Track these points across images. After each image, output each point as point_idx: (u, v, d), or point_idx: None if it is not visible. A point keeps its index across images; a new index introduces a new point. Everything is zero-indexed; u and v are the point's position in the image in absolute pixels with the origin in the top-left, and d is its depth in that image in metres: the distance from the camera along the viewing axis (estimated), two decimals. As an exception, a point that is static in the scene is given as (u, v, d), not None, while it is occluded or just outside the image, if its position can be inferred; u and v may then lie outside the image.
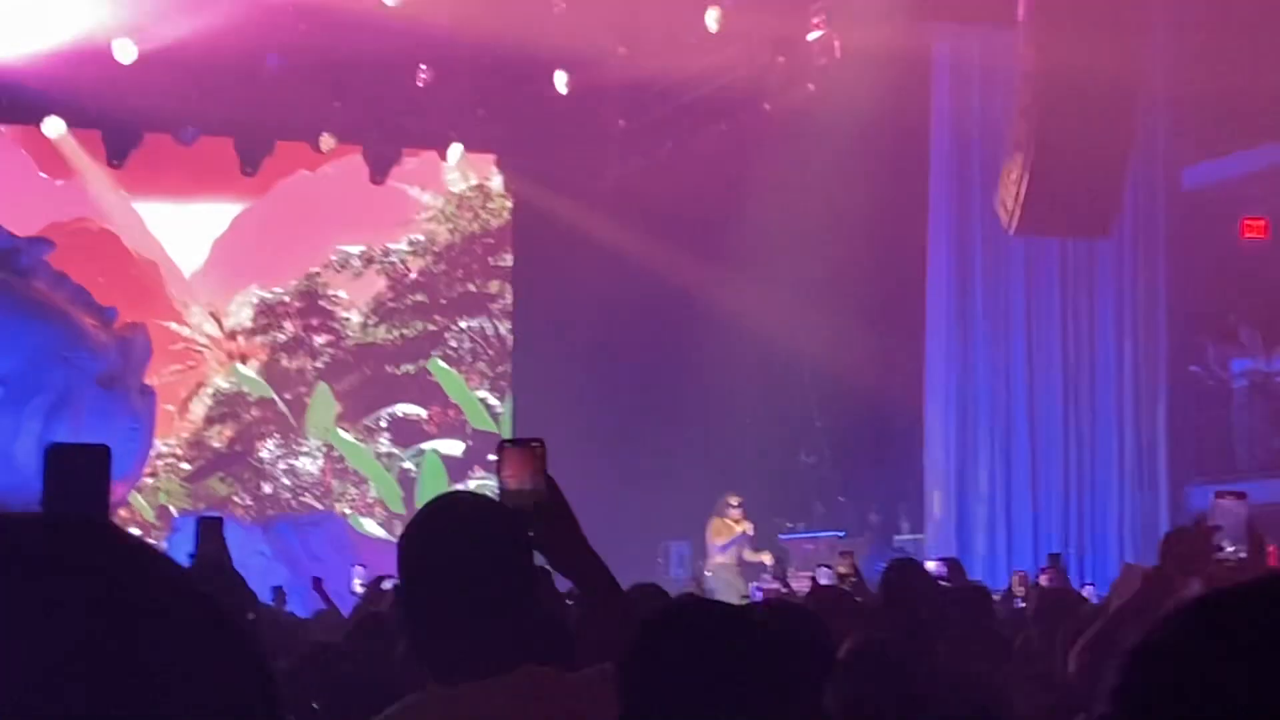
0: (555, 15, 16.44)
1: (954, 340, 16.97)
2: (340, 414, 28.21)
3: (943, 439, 16.93)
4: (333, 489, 28.06)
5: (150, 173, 20.91)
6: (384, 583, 8.29)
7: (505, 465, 3.05)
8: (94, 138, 18.79)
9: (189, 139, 18.27)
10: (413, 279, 28.75)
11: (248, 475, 28.03)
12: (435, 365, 27.84)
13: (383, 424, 28.46)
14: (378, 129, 18.95)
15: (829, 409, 19.02)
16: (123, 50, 16.31)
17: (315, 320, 28.99)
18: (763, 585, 14.72)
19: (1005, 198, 15.20)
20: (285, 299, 28.90)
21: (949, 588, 7.11)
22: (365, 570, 10.69)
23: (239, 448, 28.20)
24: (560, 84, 17.61)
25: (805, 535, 18.60)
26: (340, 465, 28.09)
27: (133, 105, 17.44)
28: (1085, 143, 14.48)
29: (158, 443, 21.75)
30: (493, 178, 24.65)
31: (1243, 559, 4.42)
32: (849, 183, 16.75)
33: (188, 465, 27.98)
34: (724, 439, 19.31)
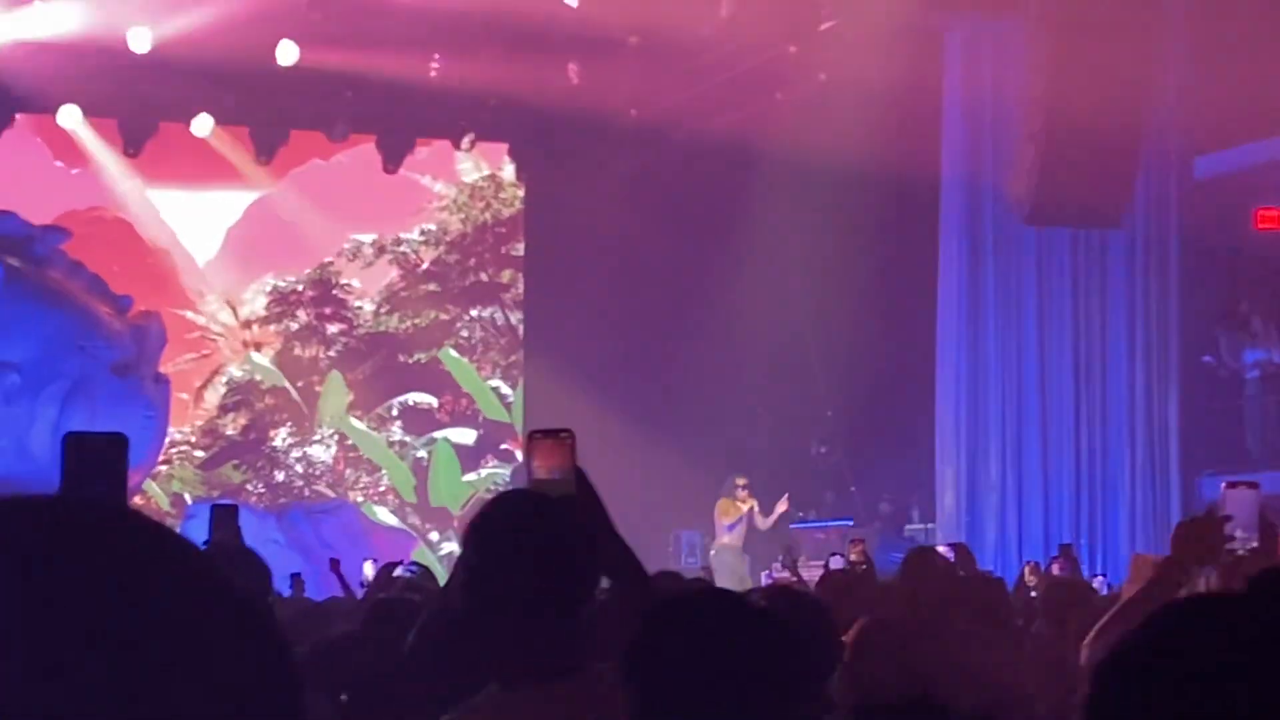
0: (568, 4, 16.44)
1: (965, 329, 16.96)
2: (352, 402, 28.22)
3: (953, 428, 16.92)
4: (345, 477, 28.09)
5: (165, 161, 20.93)
6: (395, 570, 8.31)
7: (535, 455, 3.05)
8: (109, 126, 18.83)
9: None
10: (425, 268, 28.75)
11: (261, 463, 28.06)
12: (446, 355, 27.82)
13: (394, 412, 28.48)
14: (391, 118, 18.97)
15: (840, 398, 19.02)
16: (138, 39, 16.34)
17: (328, 309, 29.01)
18: (774, 574, 14.74)
19: (1017, 187, 15.20)
20: (299, 287, 28.92)
21: (965, 576, 7.13)
22: (376, 564, 10.70)
23: (253, 435, 28.23)
24: (573, 73, 17.62)
25: (815, 524, 18.62)
26: (353, 454, 28.11)
27: (148, 94, 17.48)
28: (1097, 132, 14.47)
29: (172, 430, 21.81)
30: (505, 167, 24.63)
31: (1254, 549, 4.43)
32: (860, 172, 16.74)
33: (201, 453, 28.01)
34: (735, 428, 19.33)
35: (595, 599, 2.89)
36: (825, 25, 16.40)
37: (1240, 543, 4.39)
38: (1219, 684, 1.33)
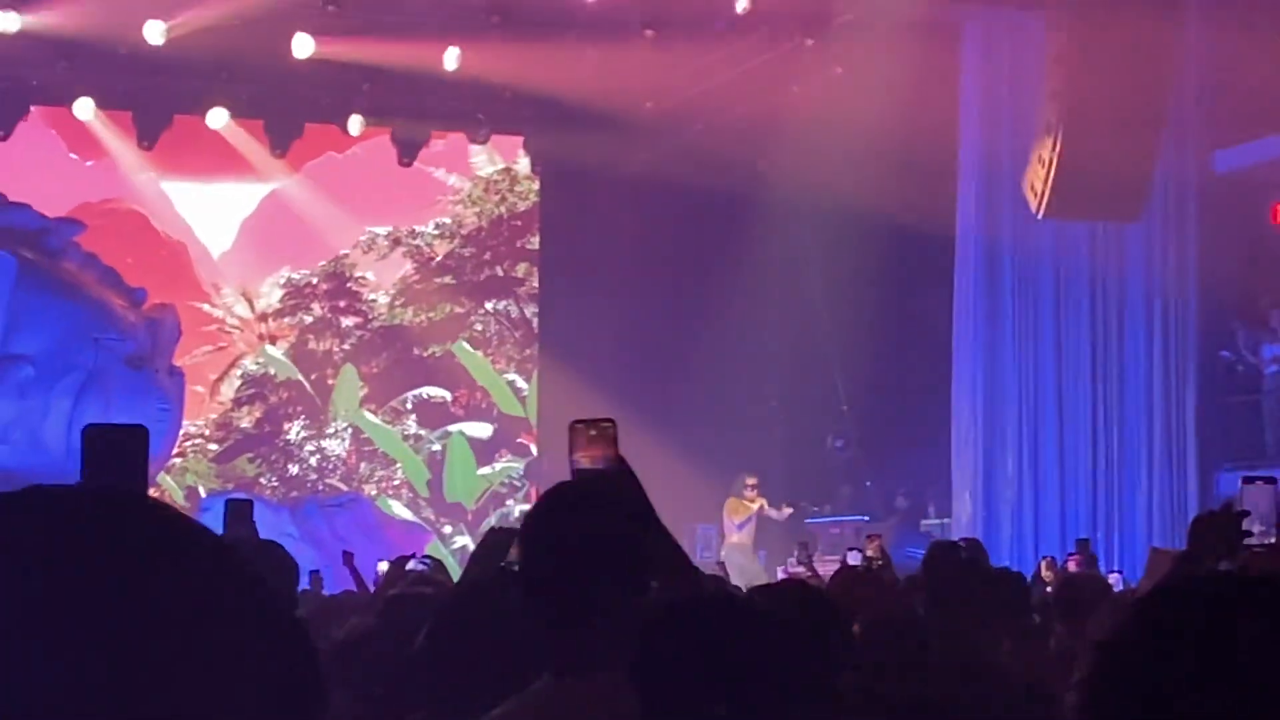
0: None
1: (982, 324, 16.92)
2: (366, 396, 28.24)
3: (970, 423, 16.89)
4: (359, 471, 28.11)
5: (180, 154, 20.95)
6: (408, 563, 8.28)
7: (577, 445, 3.03)
8: (124, 119, 18.84)
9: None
10: (439, 261, 28.75)
11: (275, 456, 28.09)
12: (460, 348, 27.83)
13: (409, 406, 28.50)
14: (406, 111, 18.96)
15: (856, 393, 18.99)
16: (153, 32, 16.34)
17: (343, 302, 29.03)
18: (790, 570, 14.72)
19: (1034, 181, 15.15)
20: (313, 280, 28.95)
21: (984, 571, 7.09)
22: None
23: (267, 429, 28.26)
24: (587, 65, 17.59)
25: (831, 519, 18.60)
26: (366, 447, 28.13)
27: (163, 87, 17.49)
28: (1115, 126, 14.43)
29: (186, 423, 21.83)
30: (519, 161, 24.62)
31: (1272, 543, 4.40)
32: (877, 166, 16.70)
33: (215, 446, 28.06)
34: (750, 423, 19.31)
35: (649, 590, 2.88)
36: (842, 18, 16.36)
37: (1258, 537, 4.36)
38: (1215, 665, 1.33)
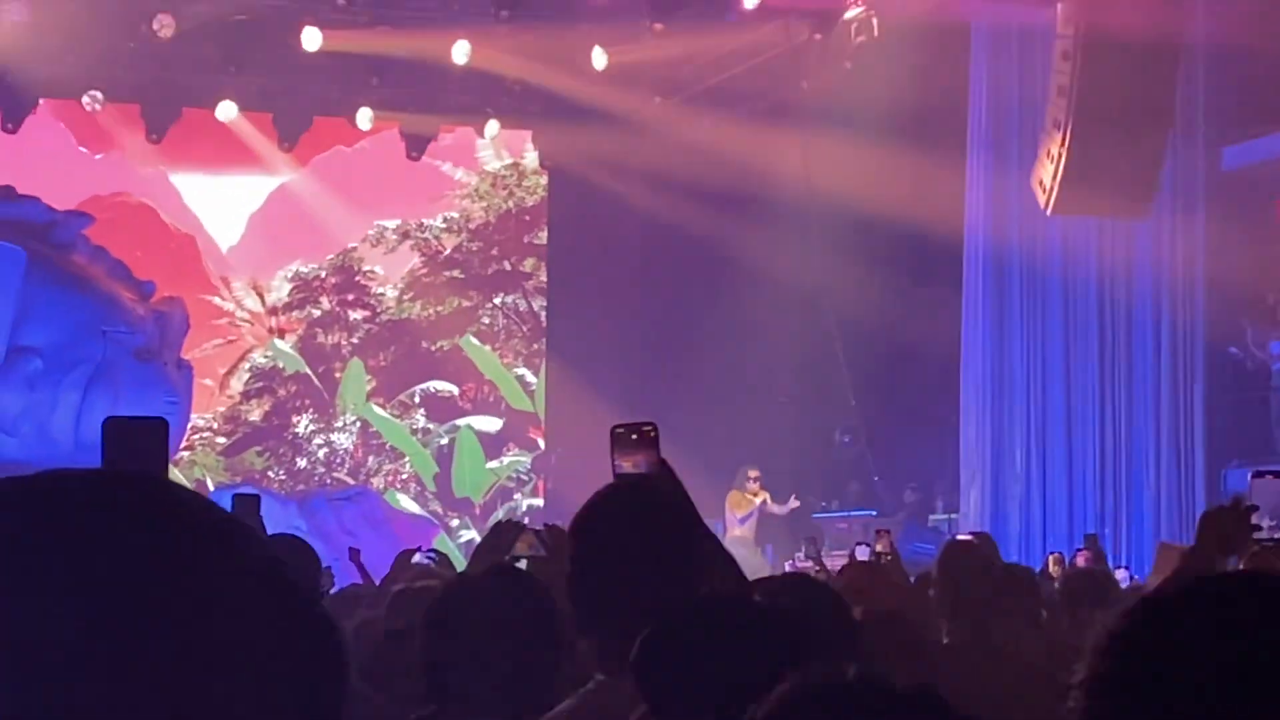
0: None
1: (990, 320, 16.92)
2: (374, 389, 28.29)
3: (978, 418, 16.89)
4: (367, 464, 28.15)
5: (188, 147, 20.99)
6: (414, 556, 8.28)
7: (618, 449, 3.03)
8: (133, 112, 18.86)
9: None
10: (447, 255, 28.77)
11: (283, 450, 28.14)
12: (467, 342, 27.87)
13: (416, 399, 28.53)
14: (415, 105, 18.96)
15: (864, 388, 18.98)
16: (163, 25, 16.35)
17: (351, 295, 29.06)
18: (797, 565, 14.72)
19: (1043, 177, 15.13)
20: (321, 274, 28.98)
21: (996, 567, 7.10)
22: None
23: (275, 422, 28.31)
24: (597, 60, 17.58)
25: (839, 514, 18.59)
26: (374, 441, 28.17)
27: (172, 80, 17.49)
28: (1124, 122, 14.41)
29: (194, 416, 21.85)
30: (527, 155, 24.65)
31: (1281, 539, 4.40)
32: (886, 162, 16.69)
33: (224, 439, 28.11)
34: (759, 418, 19.30)
35: (697, 591, 2.89)
36: (851, 13, 16.34)
37: (1267, 532, 4.36)
38: (1222, 666, 1.34)
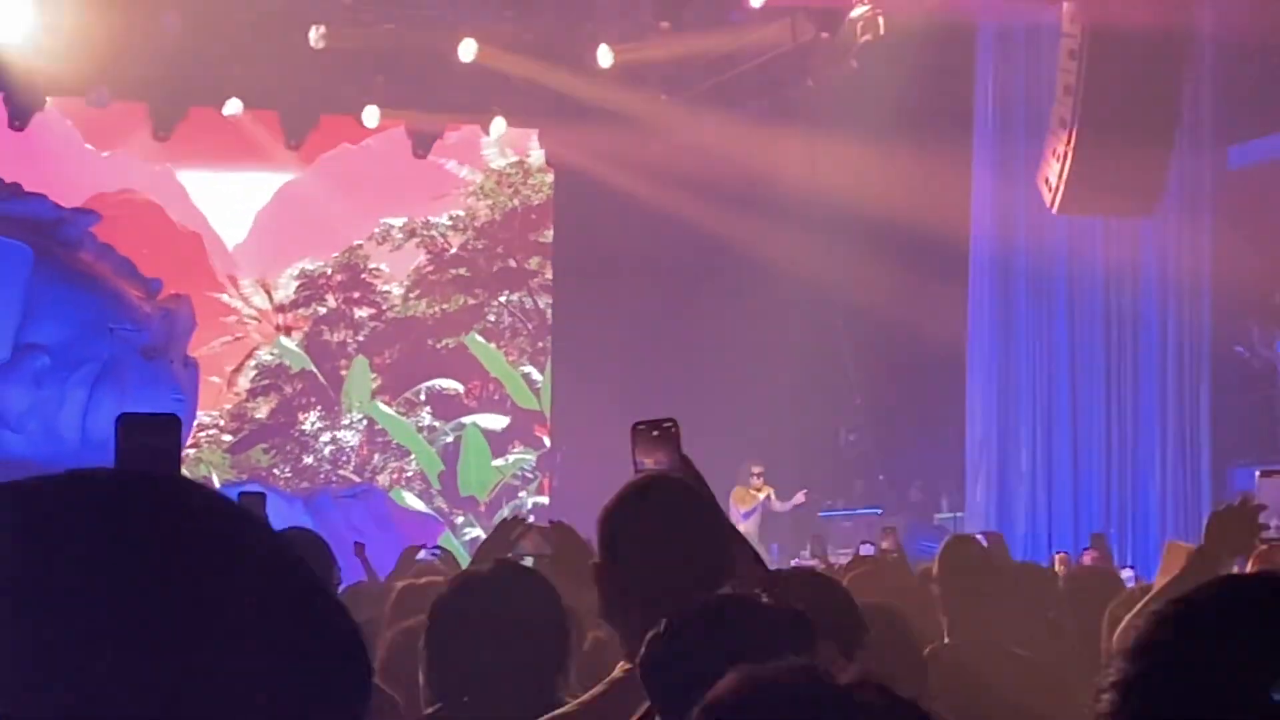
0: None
1: (996, 319, 16.91)
2: (380, 387, 28.28)
3: (984, 417, 16.88)
4: (373, 462, 28.13)
5: (195, 145, 20.98)
6: (419, 553, 8.30)
7: (639, 447, 3.04)
8: (140, 110, 18.85)
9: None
10: (453, 253, 28.77)
11: (290, 447, 28.14)
12: (472, 340, 27.86)
13: (422, 397, 28.52)
14: (421, 103, 18.96)
15: (869, 386, 18.98)
16: (170, 22, 16.35)
17: (357, 293, 29.06)
18: (803, 563, 14.73)
19: (1049, 176, 15.12)
20: (327, 271, 28.99)
21: (1008, 566, 7.11)
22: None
23: (281, 419, 28.31)
24: (603, 58, 17.58)
25: (844, 513, 18.59)
26: (380, 438, 28.17)
27: (178, 77, 17.50)
28: (1130, 120, 14.40)
29: (201, 414, 21.86)
30: (533, 154, 24.64)
31: (1289, 537, 4.39)
32: (892, 161, 16.68)
33: (230, 437, 28.10)
34: (764, 416, 19.29)
35: (725, 584, 2.89)
36: (857, 11, 16.33)
37: (1274, 531, 4.35)
38: (1251, 667, 1.34)
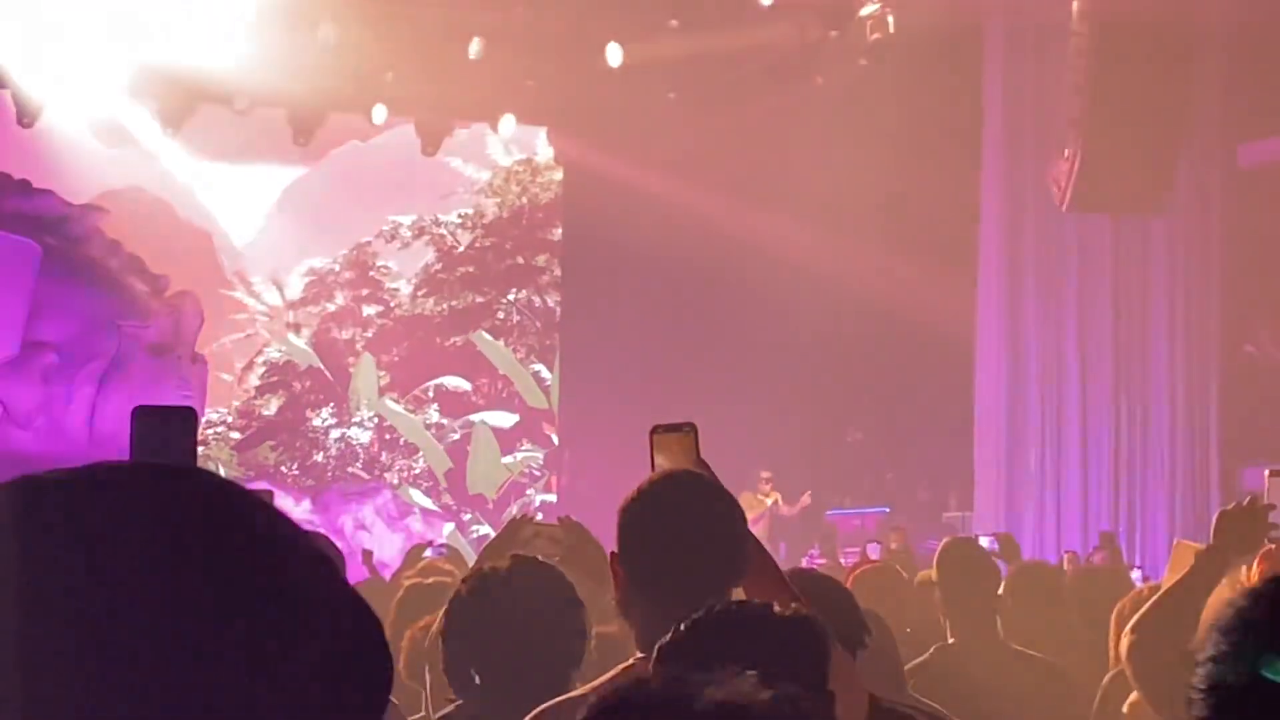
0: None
1: (1005, 318, 16.89)
2: (388, 385, 28.31)
3: (992, 416, 16.86)
4: (381, 459, 28.16)
5: (204, 142, 21.02)
6: (426, 551, 8.32)
7: (658, 451, 3.06)
8: (149, 107, 18.86)
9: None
10: (461, 251, 28.79)
11: (298, 444, 28.17)
12: (481, 338, 27.89)
13: (430, 395, 28.55)
14: (430, 101, 18.96)
15: (878, 385, 18.97)
16: (179, 20, 16.36)
17: (365, 291, 29.09)
18: (813, 562, 14.73)
19: (1058, 175, 15.10)
20: (335, 269, 29.02)
21: (1017, 565, 7.12)
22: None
23: (289, 416, 28.35)
24: (612, 56, 17.57)
25: (851, 512, 18.58)
26: (388, 436, 28.19)
27: (188, 75, 17.51)
28: (1139, 120, 14.38)
29: (210, 411, 21.88)
30: (541, 152, 24.67)
31: (1297, 538, 4.38)
32: (900, 159, 16.68)
33: (238, 434, 28.13)
34: (772, 415, 19.29)
35: (739, 584, 2.92)
36: (866, 10, 16.32)
37: (1283, 532, 4.34)
38: None
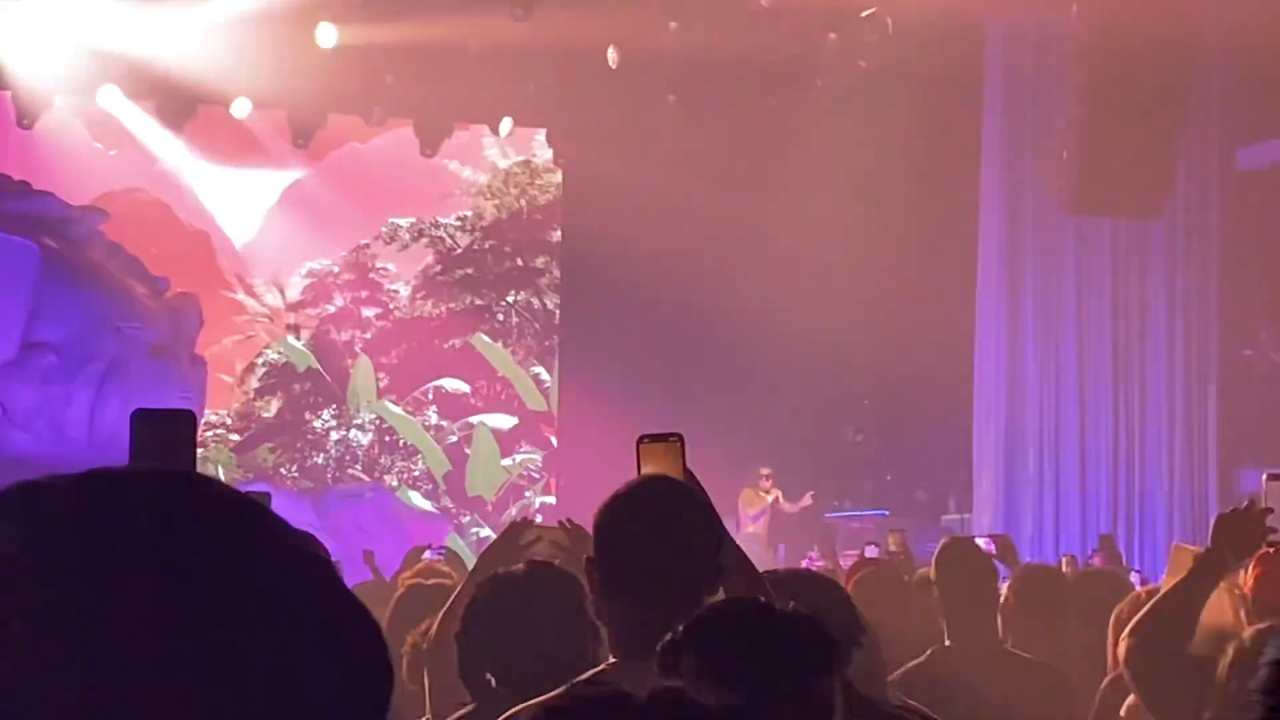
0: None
1: (1004, 320, 16.89)
2: (387, 387, 28.28)
3: (991, 418, 16.86)
4: (380, 462, 28.13)
5: (203, 143, 21.01)
6: (424, 553, 8.32)
7: (645, 460, 3.08)
8: (148, 108, 18.86)
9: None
10: (460, 253, 28.77)
11: (299, 445, 28.14)
12: (479, 340, 27.85)
13: (429, 397, 28.52)
14: (429, 102, 18.96)
15: (877, 387, 18.97)
16: (179, 21, 16.36)
17: (364, 293, 29.08)
18: (812, 563, 14.73)
19: (1057, 176, 15.11)
20: (334, 270, 29.01)
21: (1019, 568, 7.11)
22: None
23: (288, 418, 28.31)
24: (611, 58, 17.57)
25: (851, 514, 18.58)
26: (386, 438, 28.16)
27: (187, 76, 17.51)
28: (1138, 122, 14.38)
29: (209, 413, 21.87)
30: (540, 154, 24.65)
31: (1296, 542, 4.37)
32: (900, 161, 16.68)
33: (237, 436, 28.10)
34: (771, 415, 19.29)
35: (716, 589, 2.95)
36: (866, 12, 16.32)
37: (1281, 536, 4.34)
38: None
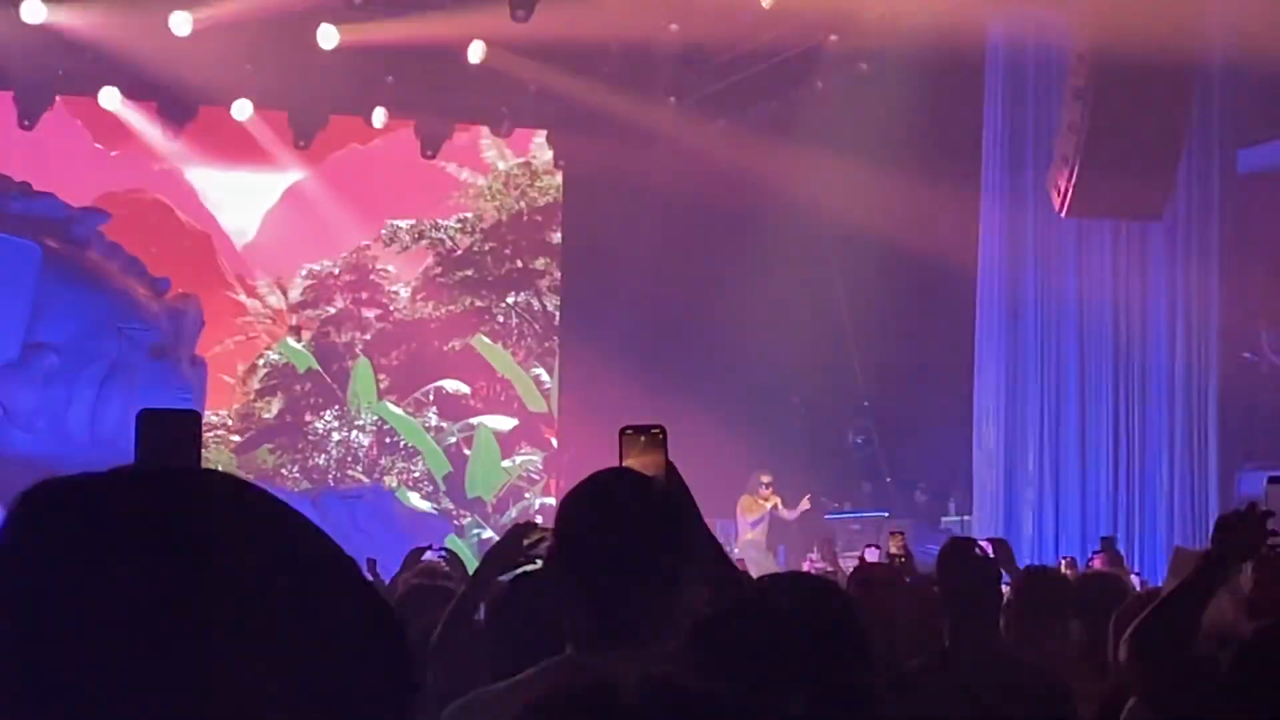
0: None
1: (1004, 322, 16.89)
2: (387, 388, 28.31)
3: (992, 420, 16.85)
4: (380, 463, 28.15)
5: (204, 145, 21.04)
6: (425, 554, 8.31)
7: (628, 452, 3.08)
8: (149, 109, 18.89)
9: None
10: (460, 255, 28.79)
11: (300, 446, 28.16)
12: (479, 341, 27.88)
13: (430, 398, 28.55)
14: (430, 104, 18.97)
15: (877, 389, 18.97)
16: (179, 23, 16.37)
17: (365, 294, 29.10)
18: (813, 565, 14.74)
19: (1058, 179, 15.11)
20: (335, 271, 29.02)
21: (1019, 571, 7.09)
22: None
23: (288, 419, 28.34)
24: (610, 60, 17.58)
25: (851, 515, 18.58)
26: (387, 439, 28.19)
27: (188, 77, 17.53)
28: (1139, 124, 14.40)
29: (208, 413, 21.87)
30: (540, 156, 24.68)
31: (1297, 545, 4.38)
32: (900, 163, 16.68)
33: (237, 437, 28.13)
34: (772, 417, 19.29)
35: (680, 582, 2.94)
36: (867, 14, 16.32)
37: (1283, 539, 4.34)
38: None
